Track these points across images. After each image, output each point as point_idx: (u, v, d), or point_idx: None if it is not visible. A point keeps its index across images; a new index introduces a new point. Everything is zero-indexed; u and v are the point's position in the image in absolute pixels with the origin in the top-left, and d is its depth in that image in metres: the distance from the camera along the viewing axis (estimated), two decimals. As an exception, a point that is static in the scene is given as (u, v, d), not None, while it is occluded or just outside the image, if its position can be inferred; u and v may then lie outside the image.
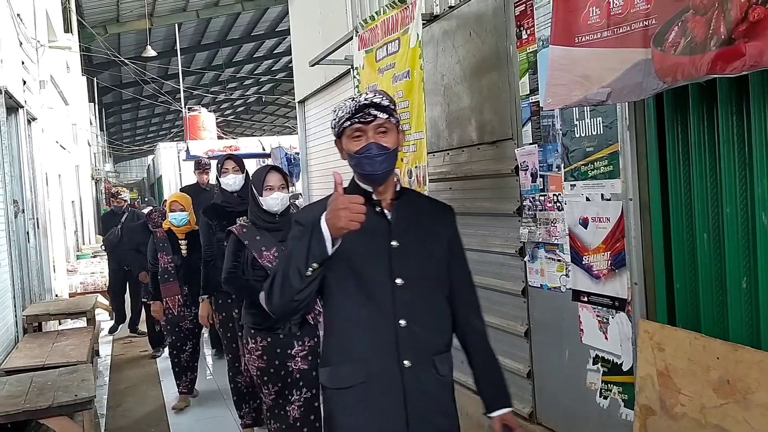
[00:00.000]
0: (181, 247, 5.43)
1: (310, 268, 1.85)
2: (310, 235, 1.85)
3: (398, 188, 2.11)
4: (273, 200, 3.56)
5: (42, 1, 9.59)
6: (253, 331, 3.56)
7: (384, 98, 2.00)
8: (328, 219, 1.83)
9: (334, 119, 2.06)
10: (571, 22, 2.42)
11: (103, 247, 8.77)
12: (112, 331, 8.62)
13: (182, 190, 8.30)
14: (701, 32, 2.06)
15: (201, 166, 7.79)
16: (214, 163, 7.06)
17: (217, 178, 4.62)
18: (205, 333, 6.83)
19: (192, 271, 5.15)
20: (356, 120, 1.98)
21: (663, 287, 2.75)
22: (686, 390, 2.48)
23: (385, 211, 2.07)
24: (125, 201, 9.10)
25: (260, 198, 3.57)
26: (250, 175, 4.08)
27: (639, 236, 2.80)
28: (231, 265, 3.65)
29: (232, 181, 4.55)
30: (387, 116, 1.99)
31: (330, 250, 1.85)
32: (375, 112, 1.96)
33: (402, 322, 1.99)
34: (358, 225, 1.81)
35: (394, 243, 2.04)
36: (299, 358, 3.57)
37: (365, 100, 1.97)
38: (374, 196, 2.05)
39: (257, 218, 3.63)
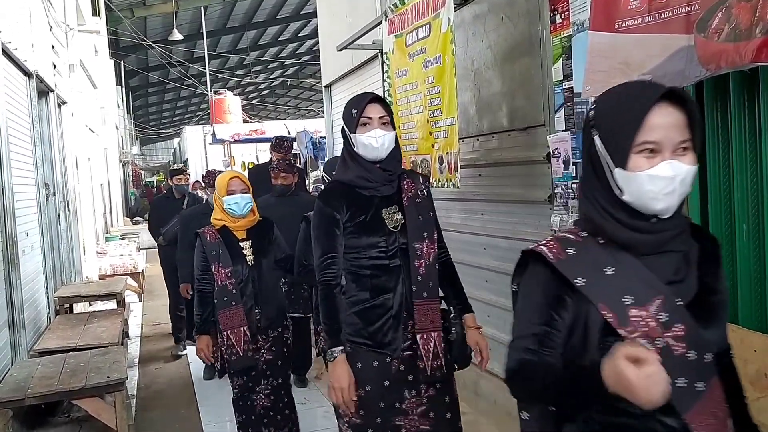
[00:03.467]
0: (244, 251, 3.69)
1: None
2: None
3: None
4: (663, 181, 1.35)
5: (71, -16, 9.66)
6: None
7: None
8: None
9: None
10: (611, 8, 2.37)
11: (162, 240, 6.75)
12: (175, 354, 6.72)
13: (253, 170, 6.73)
14: (746, 19, 2.00)
15: (283, 148, 5.88)
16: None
17: (346, 134, 2.59)
18: None
19: (263, 287, 3.72)
20: None
21: (700, 278, 2.70)
22: (722, 383, 2.44)
23: None
24: (188, 177, 6.94)
25: (620, 179, 1.39)
26: None
27: (676, 226, 2.74)
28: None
29: (379, 141, 2.50)
30: None
31: None
32: None
33: None
34: None
35: None
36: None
37: None
38: None
39: (613, 223, 1.41)
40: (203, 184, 6.14)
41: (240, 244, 3.70)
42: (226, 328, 3.60)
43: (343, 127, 2.61)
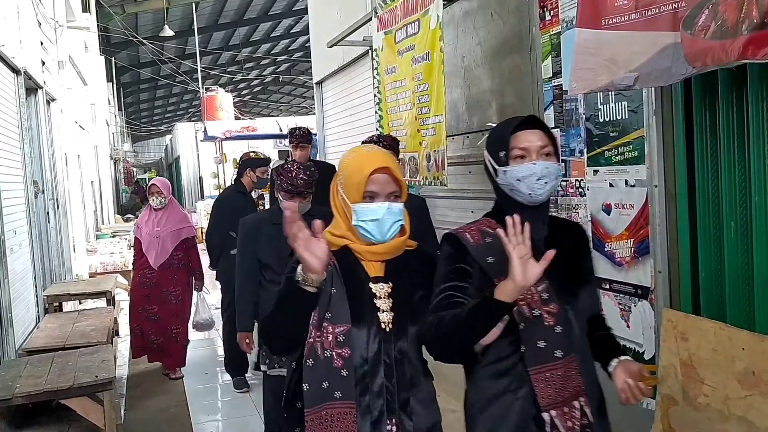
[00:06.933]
0: (378, 301, 1.91)
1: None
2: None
3: None
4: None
5: (60, -20, 9.59)
6: None
7: None
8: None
9: None
10: (597, 4, 2.36)
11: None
12: (240, 386, 5.37)
13: (274, 172, 5.68)
14: (732, 16, 1.99)
15: (296, 138, 4.98)
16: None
17: None
18: None
19: (407, 379, 1.91)
20: None
21: (688, 276, 2.70)
22: (710, 381, 2.44)
23: None
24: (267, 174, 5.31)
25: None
26: None
27: (664, 224, 2.75)
28: None
29: None
30: None
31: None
32: None
33: None
34: None
35: None
36: None
37: None
38: None
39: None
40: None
41: (371, 287, 1.92)
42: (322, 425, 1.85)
43: None
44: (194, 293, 5.79)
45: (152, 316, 5.61)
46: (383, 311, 1.90)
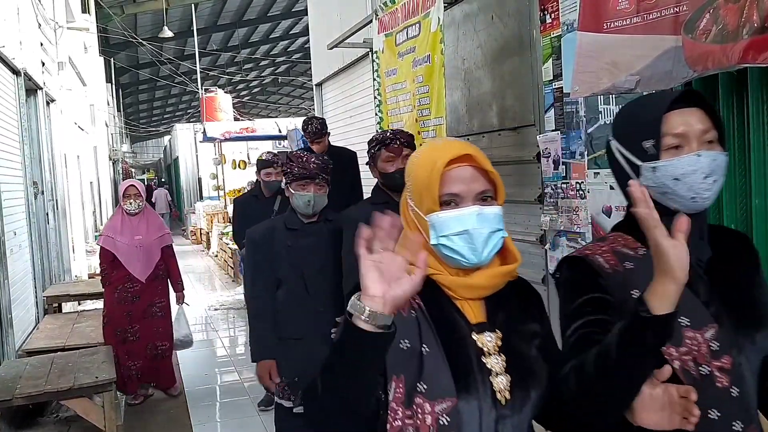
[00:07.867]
0: (486, 358, 1.30)
1: None
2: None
3: None
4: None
5: (60, -19, 9.59)
6: None
7: None
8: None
9: None
10: (599, 8, 2.37)
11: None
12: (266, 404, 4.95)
13: None
14: (733, 20, 2.00)
15: (309, 135, 5.01)
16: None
17: None
18: None
19: None
20: None
21: (688, 278, 2.70)
22: (710, 383, 2.45)
23: None
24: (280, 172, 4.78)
25: None
26: None
27: (664, 226, 2.75)
28: None
29: None
30: None
31: None
32: None
33: None
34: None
35: None
36: None
37: None
38: None
39: None
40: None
41: (474, 338, 1.32)
42: None
43: None
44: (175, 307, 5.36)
45: (131, 337, 5.04)
46: (497, 374, 1.29)
